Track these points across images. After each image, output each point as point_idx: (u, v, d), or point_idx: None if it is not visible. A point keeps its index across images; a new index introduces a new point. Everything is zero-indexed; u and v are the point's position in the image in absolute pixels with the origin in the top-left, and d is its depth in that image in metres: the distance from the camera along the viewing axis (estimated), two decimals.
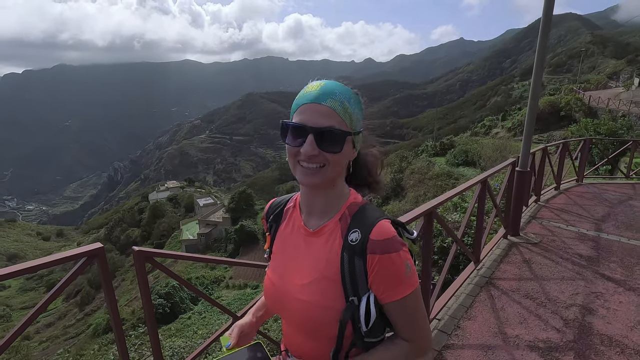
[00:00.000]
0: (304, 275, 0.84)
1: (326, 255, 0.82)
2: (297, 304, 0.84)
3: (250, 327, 1.02)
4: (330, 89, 0.79)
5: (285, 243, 0.92)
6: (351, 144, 0.82)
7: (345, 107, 0.79)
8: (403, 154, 29.31)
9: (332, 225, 0.84)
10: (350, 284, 0.79)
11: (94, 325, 22.44)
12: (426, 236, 2.33)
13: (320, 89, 0.79)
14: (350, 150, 0.83)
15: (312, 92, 0.79)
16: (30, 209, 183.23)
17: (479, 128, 34.62)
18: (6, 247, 50.25)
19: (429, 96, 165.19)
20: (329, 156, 0.78)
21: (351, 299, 0.78)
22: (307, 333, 0.86)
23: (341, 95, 0.79)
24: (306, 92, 0.80)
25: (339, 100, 0.78)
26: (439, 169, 21.26)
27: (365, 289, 0.78)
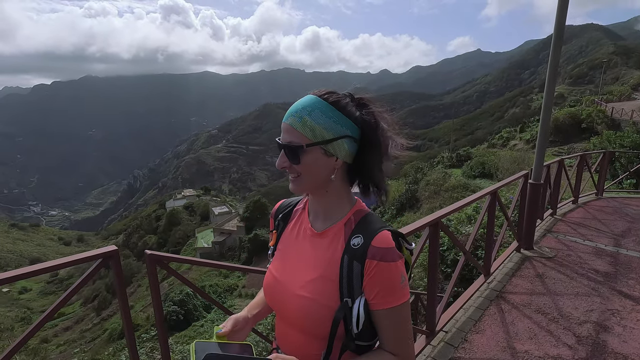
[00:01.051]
0: (306, 273, 0.88)
1: (328, 256, 0.86)
2: (296, 299, 0.87)
3: (244, 322, 1.02)
4: (295, 106, 0.85)
5: (291, 242, 0.97)
6: (319, 153, 0.84)
7: (304, 121, 0.82)
8: (418, 165, 29.05)
9: (337, 229, 0.88)
10: (346, 286, 0.82)
11: (110, 330, 22.85)
12: (432, 247, 2.33)
13: (290, 108, 0.85)
14: (321, 159, 0.84)
15: (286, 112, 0.87)
16: (53, 214, 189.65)
17: (497, 140, 34.04)
18: (29, 251, 52.03)
19: (445, 107, 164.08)
20: (297, 167, 0.85)
21: (345, 300, 0.82)
22: (301, 330, 0.88)
23: (302, 110, 0.83)
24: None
25: (298, 116, 0.83)
26: (455, 180, 20.96)
27: (359, 292, 0.82)
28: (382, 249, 0.80)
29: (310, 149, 0.83)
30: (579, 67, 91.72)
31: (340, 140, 0.84)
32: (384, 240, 0.81)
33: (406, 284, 0.82)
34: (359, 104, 0.89)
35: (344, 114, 0.85)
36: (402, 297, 0.81)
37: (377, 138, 0.86)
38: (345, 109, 0.85)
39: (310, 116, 0.83)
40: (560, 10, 3.64)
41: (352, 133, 0.85)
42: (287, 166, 0.86)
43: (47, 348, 23.96)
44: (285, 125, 0.85)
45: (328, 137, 0.83)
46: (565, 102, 41.12)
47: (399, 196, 22.52)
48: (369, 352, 0.86)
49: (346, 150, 0.85)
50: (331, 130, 0.83)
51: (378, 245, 0.80)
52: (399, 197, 22.41)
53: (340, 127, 0.84)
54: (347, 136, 0.85)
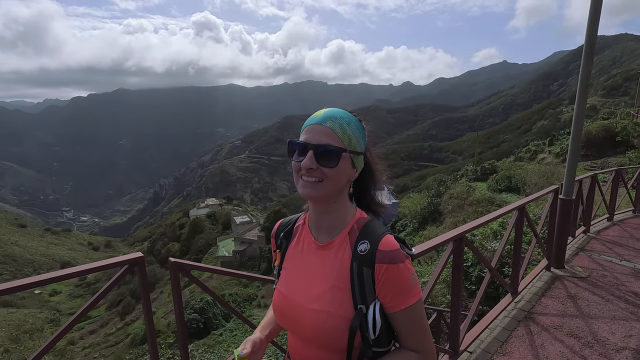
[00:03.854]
0: (316, 286, 0.89)
1: (337, 266, 0.88)
2: (309, 313, 0.88)
3: (260, 343, 1.04)
4: (333, 113, 0.89)
5: (297, 258, 0.98)
6: (349, 163, 0.89)
7: (344, 129, 0.87)
8: (441, 178, 28.47)
9: (342, 238, 0.91)
10: (359, 293, 0.84)
11: (132, 335, 23.31)
12: (456, 263, 2.26)
13: (324, 113, 0.89)
14: (349, 169, 0.89)
15: (317, 116, 0.89)
16: (84, 220, 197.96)
17: (524, 153, 32.91)
18: (61, 255, 54.34)
19: (470, 119, 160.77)
20: (326, 171, 0.86)
21: (359, 307, 0.83)
22: (317, 346, 0.88)
23: (342, 119, 0.88)
24: (313, 116, 0.90)
25: (339, 123, 0.87)
26: (479, 194, 20.33)
27: (372, 298, 0.84)
28: (390, 252, 0.83)
29: (346, 155, 0.87)
30: (613, 79, 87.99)
31: (362, 155, 0.92)
32: (389, 243, 0.84)
33: (417, 282, 0.86)
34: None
35: (365, 133, 0.93)
36: (416, 295, 0.85)
37: (371, 158, 0.96)
38: (364, 129, 0.93)
39: (349, 126, 0.88)
40: (592, 20, 3.53)
41: (363, 149, 0.93)
42: (314, 167, 0.86)
43: (72, 350, 24.73)
44: (322, 128, 0.86)
45: (359, 149, 0.90)
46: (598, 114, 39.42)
47: (421, 209, 22.09)
48: (392, 353, 0.88)
49: (361, 164, 0.93)
50: (360, 145, 0.91)
51: (385, 249, 0.83)
52: (421, 211, 21.99)
53: (363, 144, 0.92)
54: (364, 153, 0.93)
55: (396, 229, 23.48)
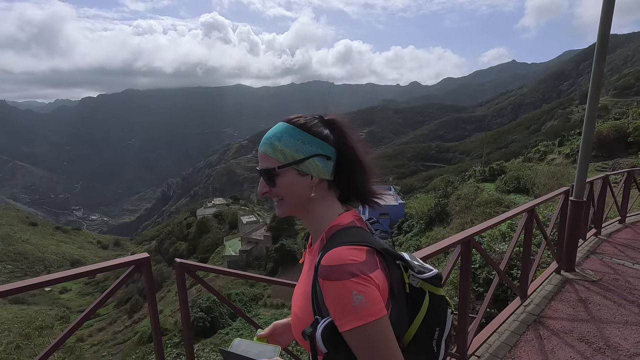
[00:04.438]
0: (298, 289, 0.94)
1: (310, 272, 0.89)
2: (292, 314, 0.94)
3: (283, 328, 1.06)
4: (266, 135, 0.91)
5: (306, 260, 1.02)
6: (294, 174, 0.89)
7: (274, 146, 0.88)
8: (449, 179, 28.22)
9: (317, 246, 0.92)
10: (315, 303, 0.83)
11: (140, 333, 23.55)
12: (464, 266, 2.22)
13: (263, 137, 0.92)
14: (297, 180, 0.89)
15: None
16: (94, 218, 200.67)
17: (533, 153, 32.50)
18: (71, 253, 55.09)
19: (478, 119, 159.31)
20: (276, 191, 0.90)
21: (316, 317, 0.81)
22: (299, 341, 0.92)
23: (272, 137, 0.90)
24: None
25: (269, 142, 0.89)
26: (487, 195, 20.14)
27: (326, 312, 0.80)
28: (328, 267, 0.78)
29: (284, 170, 0.88)
30: (625, 78, 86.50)
31: (311, 159, 0.88)
32: (332, 257, 0.79)
33: (365, 305, 0.75)
34: (328, 124, 0.93)
35: (312, 134, 0.89)
36: (361, 319, 0.75)
37: (352, 153, 0.91)
38: (312, 129, 0.90)
39: (279, 141, 0.88)
40: (604, 19, 3.46)
41: (324, 151, 0.89)
42: (267, 191, 0.91)
43: (82, 347, 25.07)
44: (259, 154, 0.91)
45: (298, 157, 0.88)
46: (610, 114, 38.77)
47: (428, 210, 21.96)
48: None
49: (319, 167, 0.89)
50: (301, 151, 0.88)
51: (325, 264, 0.79)
52: (428, 211, 21.85)
53: (310, 147, 0.88)
54: (318, 154, 0.89)
55: (403, 230, 23.42)
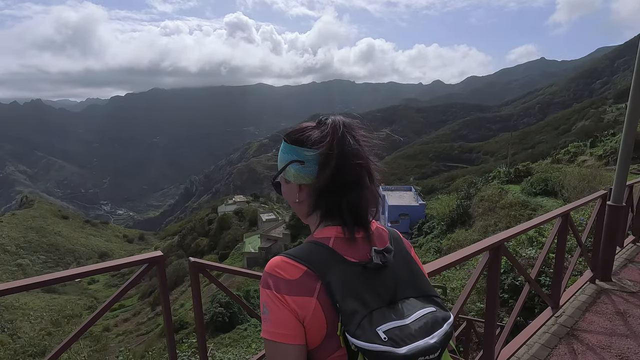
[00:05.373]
0: None
1: None
2: None
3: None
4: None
5: None
6: (283, 182, 0.95)
7: (278, 159, 0.96)
8: (472, 180, 27.46)
9: None
10: None
11: (162, 325, 24.20)
12: (492, 273, 2.07)
13: None
14: (285, 187, 0.95)
15: None
16: (120, 213, 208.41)
17: (562, 155, 31.10)
18: (99, 246, 57.36)
19: (503, 119, 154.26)
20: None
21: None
22: None
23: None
24: None
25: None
26: (512, 197, 19.41)
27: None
28: (264, 271, 0.80)
29: (280, 180, 0.97)
30: None
31: (288, 166, 0.91)
32: (268, 263, 0.79)
33: (267, 320, 0.74)
34: (318, 124, 0.93)
35: (289, 142, 0.92)
36: (263, 331, 0.75)
37: (328, 155, 0.84)
38: (292, 137, 0.93)
39: (280, 151, 0.96)
40: None
41: (298, 156, 0.89)
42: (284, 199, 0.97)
43: (107, 336, 26.05)
44: None
45: (280, 167, 0.94)
46: None
47: (450, 211, 21.43)
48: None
49: (293, 173, 0.91)
50: (282, 161, 0.94)
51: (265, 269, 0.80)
52: (450, 213, 21.33)
53: (286, 155, 0.92)
54: (293, 161, 0.90)
55: (423, 231, 22.94)
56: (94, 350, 18.18)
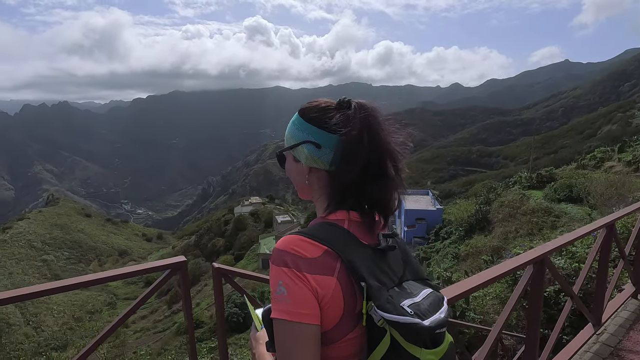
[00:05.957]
0: None
1: None
2: None
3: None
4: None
5: None
6: (291, 159, 0.91)
7: (287, 131, 0.91)
8: (491, 185, 26.86)
9: None
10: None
11: (178, 324, 24.55)
12: (535, 290, 1.91)
13: None
14: (293, 165, 0.91)
15: None
16: (140, 212, 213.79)
17: (588, 160, 29.99)
18: (119, 244, 58.85)
19: (524, 123, 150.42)
20: (287, 173, 0.94)
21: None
22: None
23: (289, 124, 0.92)
24: None
25: (288, 127, 0.92)
26: (534, 203, 18.78)
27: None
28: (274, 249, 0.79)
29: (287, 154, 0.91)
30: None
31: (301, 145, 0.86)
32: (281, 242, 0.78)
33: (284, 300, 0.72)
34: (343, 109, 0.87)
35: (306, 120, 0.87)
36: (277, 311, 0.72)
37: (354, 145, 0.80)
38: (310, 115, 0.88)
39: (288, 127, 0.91)
40: None
41: (316, 138, 0.84)
42: (286, 174, 0.94)
43: (125, 332, 26.59)
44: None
45: (292, 142, 0.89)
46: None
47: (468, 217, 20.97)
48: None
49: (306, 155, 0.86)
50: (294, 137, 0.88)
51: (275, 246, 0.80)
52: (468, 218, 20.86)
53: (301, 133, 0.86)
54: (308, 141, 0.85)
55: (440, 236, 22.49)
56: (113, 346, 18.52)
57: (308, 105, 0.90)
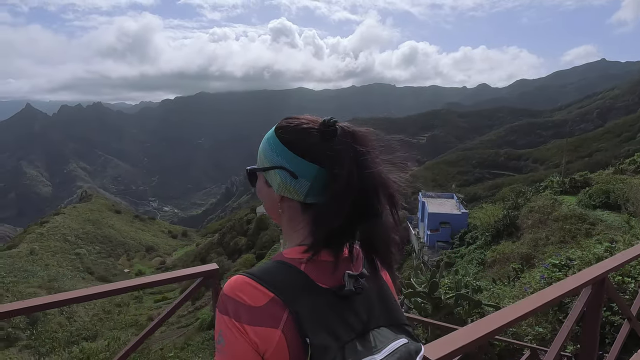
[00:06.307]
0: None
1: None
2: None
3: None
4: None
5: None
6: (262, 181, 0.80)
7: (261, 149, 0.81)
8: (520, 189, 25.99)
9: None
10: None
11: (201, 319, 25.07)
12: (592, 313, 1.74)
13: None
14: (264, 188, 0.80)
15: None
16: (166, 210, 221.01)
17: (627, 165, 28.32)
18: (146, 240, 60.88)
19: (556, 125, 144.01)
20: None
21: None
22: None
23: (263, 139, 0.82)
24: None
25: (262, 143, 0.82)
26: (567, 209, 17.89)
27: None
28: (222, 291, 0.69)
29: (259, 175, 0.81)
30: None
31: (274, 170, 0.76)
32: (229, 283, 0.68)
33: (221, 349, 0.64)
34: (327, 135, 0.72)
35: (283, 142, 0.76)
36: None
37: (344, 187, 0.67)
38: (285, 137, 0.76)
39: (261, 144, 0.81)
40: None
41: (291, 166, 0.73)
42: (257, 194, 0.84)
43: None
44: None
45: (264, 164, 0.78)
46: None
47: (495, 222, 20.33)
48: None
49: (279, 182, 0.75)
50: (267, 158, 0.77)
51: (224, 286, 0.69)
52: (495, 223, 20.23)
53: (276, 157, 0.76)
54: (281, 167, 0.74)
55: (465, 241, 21.87)
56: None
57: (287, 123, 0.78)
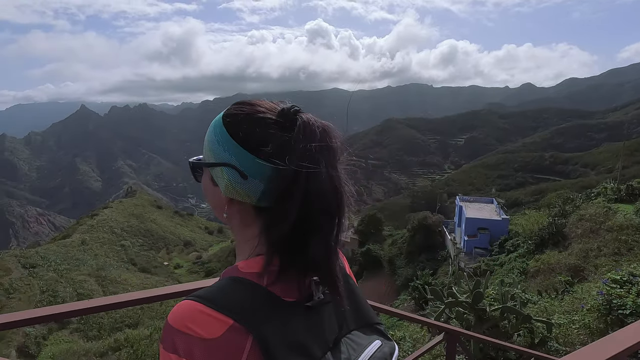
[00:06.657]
0: None
1: None
2: None
3: None
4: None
5: None
6: (208, 178, 0.68)
7: (206, 138, 0.69)
8: (568, 195, 24.45)
9: None
10: None
11: None
12: None
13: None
14: (209, 186, 0.68)
15: None
16: (203, 207, 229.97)
17: None
18: (185, 235, 63.75)
19: (610, 127, 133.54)
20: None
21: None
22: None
23: (210, 127, 0.70)
24: None
25: (207, 131, 0.70)
26: (623, 219, 16.54)
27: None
28: (166, 323, 0.55)
29: (205, 169, 0.69)
30: None
31: (220, 167, 0.63)
32: (176, 312, 0.54)
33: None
34: (286, 128, 0.61)
35: (230, 133, 0.63)
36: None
37: (287, 182, 0.58)
38: (235, 127, 0.63)
39: (207, 132, 0.69)
40: None
41: (241, 164, 0.61)
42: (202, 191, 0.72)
43: None
44: None
45: (209, 157, 0.66)
46: None
47: (539, 229, 19.24)
48: None
49: (226, 182, 0.62)
50: (212, 152, 0.65)
51: (169, 316, 0.55)
52: (539, 231, 19.15)
53: (222, 151, 0.63)
54: (228, 165, 0.62)
55: (505, 248, 20.88)
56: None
57: (237, 110, 0.66)
